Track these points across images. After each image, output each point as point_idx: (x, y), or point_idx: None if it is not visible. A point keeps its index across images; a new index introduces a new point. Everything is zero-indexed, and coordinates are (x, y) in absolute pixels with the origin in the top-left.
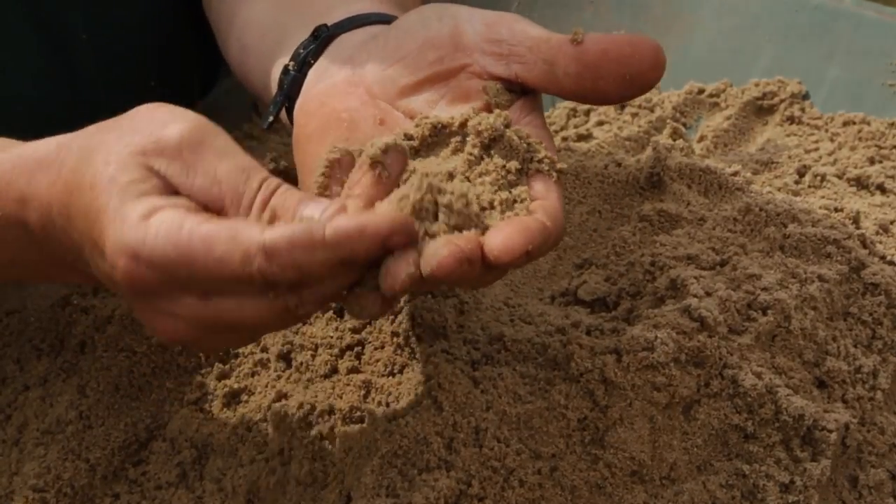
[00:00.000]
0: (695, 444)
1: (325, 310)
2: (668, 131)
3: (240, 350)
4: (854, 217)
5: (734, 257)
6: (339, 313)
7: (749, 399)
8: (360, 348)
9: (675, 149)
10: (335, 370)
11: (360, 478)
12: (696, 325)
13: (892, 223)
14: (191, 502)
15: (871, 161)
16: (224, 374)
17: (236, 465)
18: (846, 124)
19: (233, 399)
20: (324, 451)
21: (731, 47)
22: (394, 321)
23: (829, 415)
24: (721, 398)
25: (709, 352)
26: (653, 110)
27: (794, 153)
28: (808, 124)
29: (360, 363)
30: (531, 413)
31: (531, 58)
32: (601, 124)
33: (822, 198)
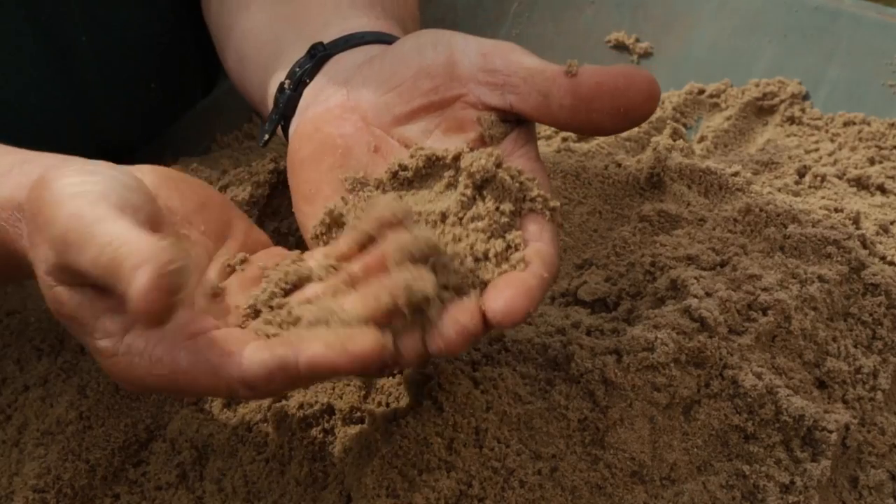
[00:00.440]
0: (695, 444)
1: None
2: (668, 132)
3: None
4: (854, 217)
5: (734, 258)
6: None
7: (749, 399)
8: None
9: (676, 149)
10: None
11: (361, 478)
12: (696, 325)
13: (892, 224)
14: (191, 503)
15: (872, 161)
16: None
17: (236, 466)
18: (846, 125)
19: (233, 399)
20: (324, 451)
21: (732, 47)
22: None
23: (830, 415)
24: (721, 399)
25: (709, 352)
26: None
27: (794, 154)
28: (808, 125)
29: None
30: (531, 413)
31: (526, 89)
32: None
33: (823, 198)
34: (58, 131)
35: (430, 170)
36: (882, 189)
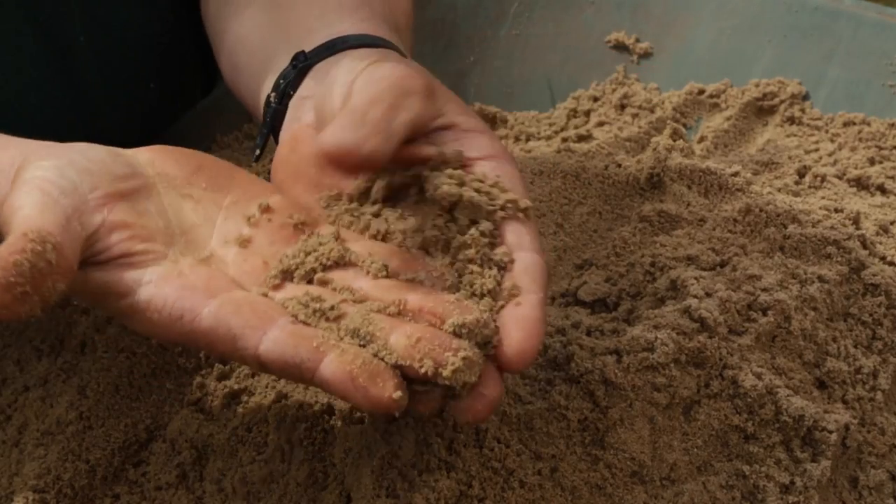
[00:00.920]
0: (695, 444)
1: None
2: (668, 132)
3: None
4: (854, 218)
5: (734, 258)
6: None
7: (749, 400)
8: None
9: (676, 149)
10: None
11: (360, 479)
12: (696, 325)
13: (892, 224)
14: (191, 503)
15: (872, 162)
16: (224, 375)
17: (236, 466)
18: (846, 125)
19: (233, 400)
20: (324, 452)
21: (732, 48)
22: None
23: (830, 415)
24: (721, 399)
25: (709, 352)
26: (653, 111)
27: (794, 154)
28: (808, 125)
29: None
30: (531, 414)
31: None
32: (601, 125)
33: (823, 198)
34: (57, 131)
35: (399, 192)
36: (882, 189)
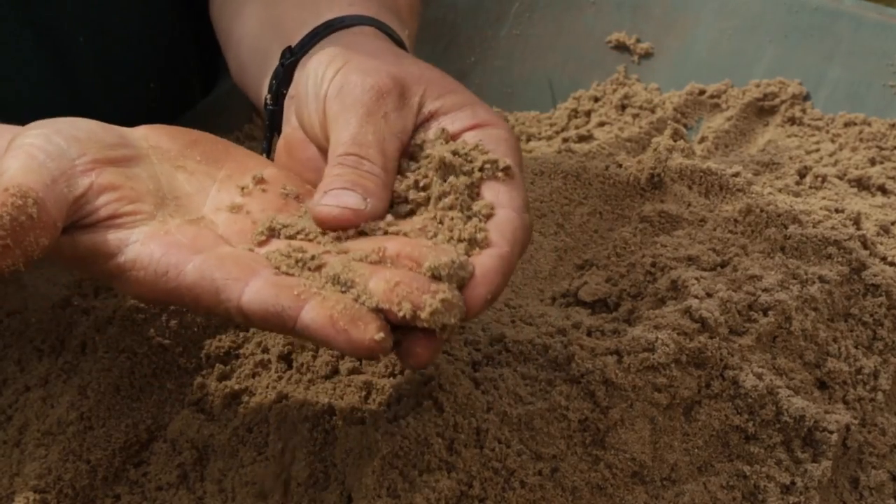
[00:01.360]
0: (696, 445)
1: None
2: (668, 132)
3: (240, 351)
4: (855, 218)
5: (735, 258)
6: None
7: (750, 400)
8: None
9: (676, 150)
10: (336, 371)
11: (361, 479)
12: (696, 326)
13: (892, 224)
14: (192, 503)
15: (872, 162)
16: (225, 375)
17: (237, 467)
18: (847, 125)
19: (234, 400)
20: (324, 452)
21: (732, 48)
22: None
23: (830, 416)
24: (722, 399)
25: (710, 353)
26: (654, 111)
27: (794, 154)
28: (808, 125)
29: (361, 364)
30: (532, 414)
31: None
32: (602, 125)
33: (823, 199)
34: None
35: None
36: (883, 189)
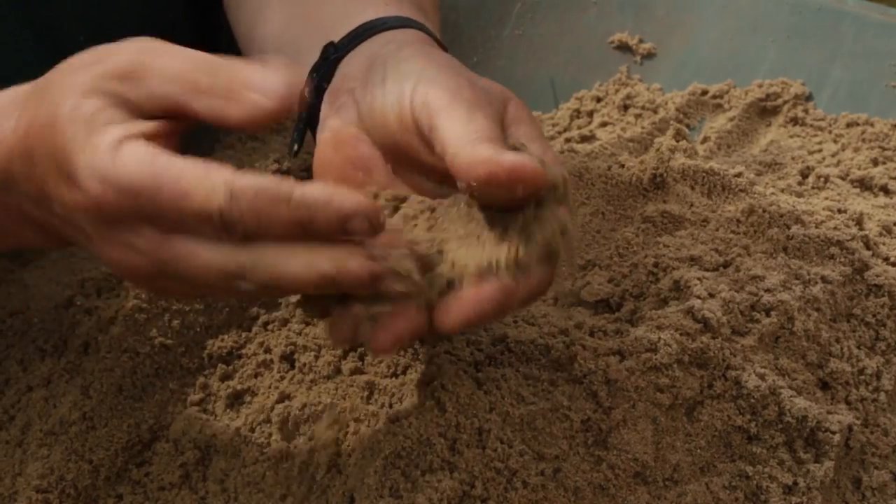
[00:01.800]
0: (698, 445)
1: None
2: (671, 132)
3: (243, 351)
4: (857, 218)
5: (737, 258)
6: None
7: (752, 400)
8: (364, 349)
9: (679, 150)
10: (338, 371)
11: (364, 479)
12: (699, 326)
13: (895, 224)
14: (194, 503)
15: (875, 162)
16: (227, 375)
17: (239, 466)
18: (850, 126)
19: (236, 400)
20: (327, 452)
21: (735, 48)
22: None
23: (833, 416)
24: (724, 399)
25: (712, 353)
26: (656, 111)
27: (797, 154)
28: (811, 126)
29: (364, 364)
30: (534, 414)
31: None
32: (604, 125)
33: (826, 199)
34: None
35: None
36: (885, 190)
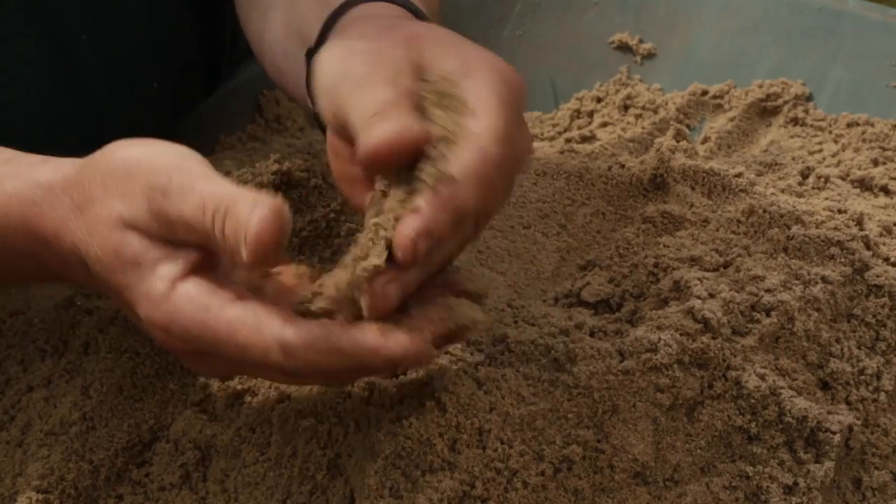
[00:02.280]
0: (698, 445)
1: None
2: (671, 133)
3: None
4: (858, 219)
5: (738, 259)
6: None
7: (752, 401)
8: None
9: (679, 150)
10: None
11: (364, 479)
12: (699, 326)
13: (895, 225)
14: (194, 503)
15: (875, 163)
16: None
17: (240, 467)
18: (850, 126)
19: (236, 400)
20: (327, 452)
21: (735, 49)
22: None
23: (833, 416)
24: (724, 400)
25: (712, 353)
26: (656, 112)
27: (797, 155)
28: (811, 126)
29: None
30: (535, 414)
31: None
32: (605, 126)
33: (826, 199)
34: (59, 132)
35: None
36: (885, 190)
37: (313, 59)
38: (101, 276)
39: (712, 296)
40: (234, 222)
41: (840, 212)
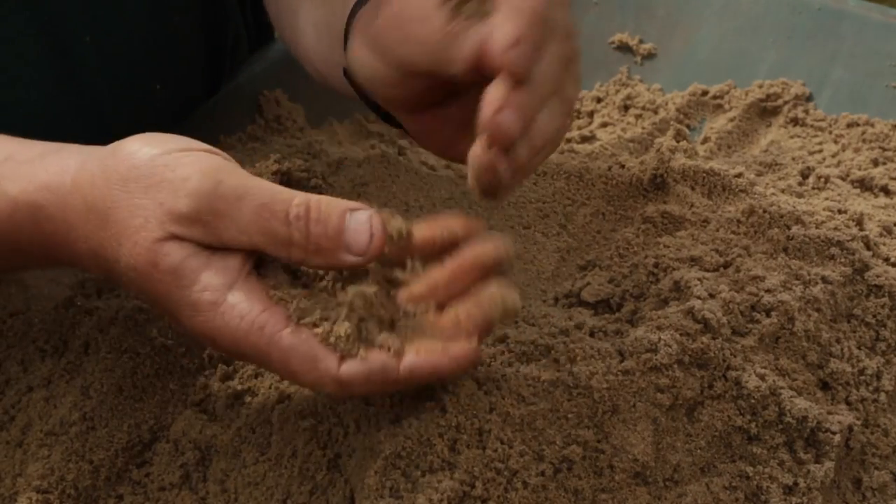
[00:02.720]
0: (698, 445)
1: None
2: (671, 133)
3: None
4: (858, 219)
5: (738, 259)
6: None
7: (752, 401)
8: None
9: (679, 150)
10: None
11: (364, 479)
12: (699, 326)
13: (895, 225)
14: (194, 503)
15: (875, 163)
16: (227, 376)
17: (240, 467)
18: (850, 126)
19: (236, 400)
20: (327, 452)
21: (735, 49)
22: None
23: (833, 416)
24: (724, 400)
25: (712, 353)
26: (656, 112)
27: (797, 155)
28: (811, 126)
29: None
30: (535, 414)
31: None
32: (605, 126)
33: (826, 199)
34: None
35: None
36: (886, 190)
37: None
38: (134, 283)
39: (712, 296)
40: (326, 226)
41: (840, 212)
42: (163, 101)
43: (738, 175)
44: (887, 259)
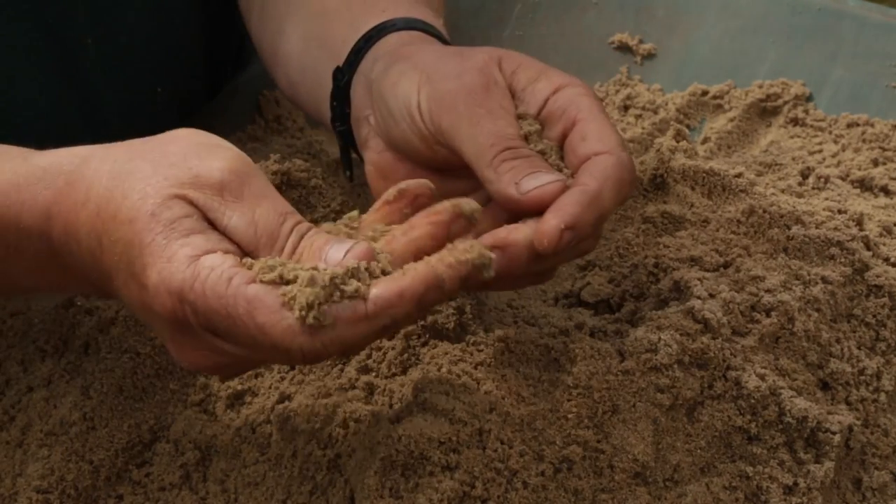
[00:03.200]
0: (698, 445)
1: None
2: (671, 133)
3: None
4: (858, 219)
5: (738, 259)
6: None
7: (752, 401)
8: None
9: (679, 150)
10: (339, 371)
11: (364, 479)
12: (699, 326)
13: (895, 225)
14: (194, 503)
15: (875, 163)
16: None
17: (240, 467)
18: (850, 126)
19: (236, 400)
20: (327, 452)
21: (735, 49)
22: None
23: (833, 417)
24: (724, 400)
25: (712, 353)
26: (656, 112)
27: (797, 155)
28: (811, 126)
29: (364, 364)
30: (535, 414)
31: None
32: None
33: (826, 200)
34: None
35: None
36: (885, 190)
37: (375, 82)
38: (122, 240)
39: (712, 296)
40: (315, 242)
41: (840, 212)
42: (165, 104)
43: (738, 175)
44: (887, 259)
